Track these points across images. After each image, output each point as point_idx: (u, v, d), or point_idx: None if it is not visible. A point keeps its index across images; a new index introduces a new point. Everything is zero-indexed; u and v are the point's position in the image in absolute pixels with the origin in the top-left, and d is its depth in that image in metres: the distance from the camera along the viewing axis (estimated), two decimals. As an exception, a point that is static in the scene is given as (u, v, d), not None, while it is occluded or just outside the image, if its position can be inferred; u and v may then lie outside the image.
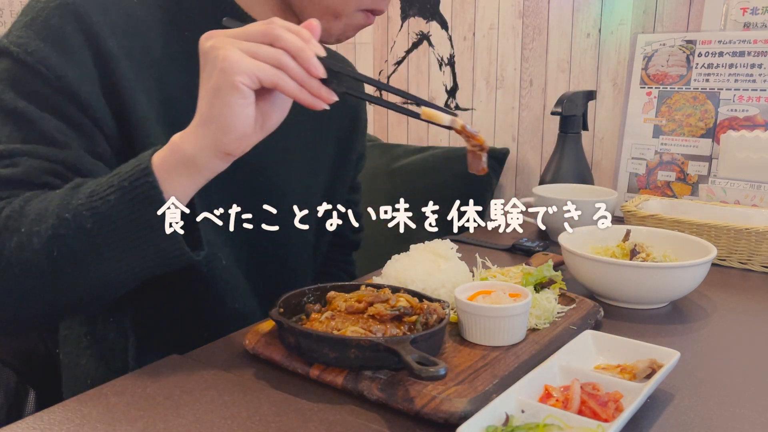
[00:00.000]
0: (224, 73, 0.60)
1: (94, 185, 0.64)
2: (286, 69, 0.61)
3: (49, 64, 0.70)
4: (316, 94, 0.62)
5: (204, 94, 0.63)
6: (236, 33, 0.62)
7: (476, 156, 0.69)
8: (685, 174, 1.35)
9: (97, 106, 0.73)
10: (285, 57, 0.61)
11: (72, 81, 0.71)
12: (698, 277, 0.86)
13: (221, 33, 0.63)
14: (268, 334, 0.71)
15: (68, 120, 0.72)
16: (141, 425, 0.57)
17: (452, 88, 1.85)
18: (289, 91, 0.62)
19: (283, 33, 0.61)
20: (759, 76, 1.28)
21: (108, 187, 0.63)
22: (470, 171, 0.69)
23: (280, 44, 0.61)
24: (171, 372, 0.67)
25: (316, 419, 0.58)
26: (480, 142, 0.68)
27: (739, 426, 0.59)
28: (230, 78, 0.60)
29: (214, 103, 0.61)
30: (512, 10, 1.70)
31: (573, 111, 1.34)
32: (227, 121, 0.61)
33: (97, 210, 0.62)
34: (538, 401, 0.58)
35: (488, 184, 1.70)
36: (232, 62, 0.59)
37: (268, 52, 0.61)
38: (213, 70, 0.61)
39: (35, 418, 0.58)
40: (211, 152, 0.63)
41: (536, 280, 0.79)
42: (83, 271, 0.64)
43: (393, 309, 0.68)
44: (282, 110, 0.66)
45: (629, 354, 0.67)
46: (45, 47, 0.71)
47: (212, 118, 0.62)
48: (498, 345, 0.69)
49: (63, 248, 0.62)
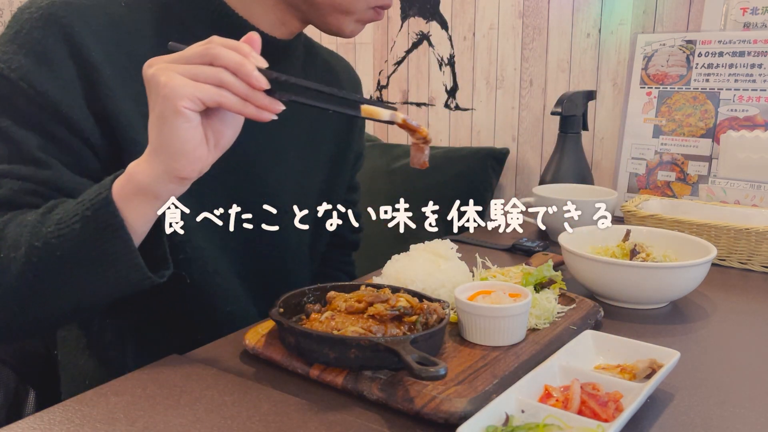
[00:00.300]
0: (167, 99, 0.59)
1: (62, 212, 0.65)
2: (228, 86, 0.60)
3: (31, 81, 0.71)
4: (260, 106, 0.62)
5: (151, 123, 0.62)
6: (176, 57, 0.62)
7: (419, 149, 0.67)
8: (685, 174, 1.35)
9: (80, 119, 0.73)
10: (225, 74, 0.60)
11: (54, 96, 0.71)
12: (698, 277, 0.86)
13: (163, 59, 0.62)
14: (268, 334, 0.71)
15: (51, 137, 0.72)
16: (141, 425, 0.57)
17: (452, 88, 1.85)
18: (232, 108, 0.61)
19: (221, 51, 0.60)
20: (759, 76, 1.28)
21: (74, 215, 0.64)
22: (412, 165, 0.68)
23: (220, 62, 0.60)
24: (171, 372, 0.67)
25: (316, 419, 0.58)
26: (424, 135, 0.67)
27: (739, 426, 0.59)
28: (173, 104, 0.59)
29: (161, 130, 0.61)
30: (512, 10, 1.70)
31: (573, 111, 1.34)
32: (176, 147, 0.61)
33: (64, 238, 0.63)
34: (538, 401, 0.58)
35: (488, 184, 1.70)
36: (173, 88, 0.59)
37: (208, 73, 0.60)
38: (156, 98, 0.61)
39: (35, 418, 0.58)
40: (165, 179, 0.63)
41: (536, 280, 0.79)
42: (58, 294, 0.67)
43: (393, 309, 0.68)
44: (234, 126, 0.66)
45: (629, 354, 0.67)
46: (27, 62, 0.71)
47: (162, 146, 0.62)
48: (498, 345, 0.69)
49: (37, 274, 0.65)
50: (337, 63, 1.09)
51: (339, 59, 1.11)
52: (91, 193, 0.65)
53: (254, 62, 0.61)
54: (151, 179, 0.63)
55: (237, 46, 0.62)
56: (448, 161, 1.72)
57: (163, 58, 0.62)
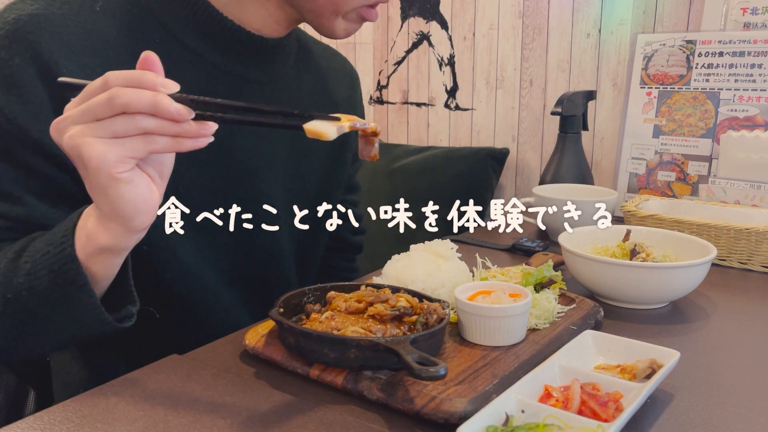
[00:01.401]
0: (98, 171, 0.55)
1: (31, 262, 0.63)
2: (153, 131, 0.56)
3: (0, 107, 0.68)
4: (192, 135, 0.57)
5: (91, 193, 0.59)
6: (82, 112, 0.56)
7: (369, 141, 0.64)
8: (685, 174, 1.35)
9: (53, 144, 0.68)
10: (145, 120, 0.55)
11: (24, 122, 0.69)
12: (698, 277, 0.86)
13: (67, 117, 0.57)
14: (268, 334, 0.71)
15: (23, 167, 0.70)
16: (141, 425, 0.57)
17: (452, 88, 1.85)
18: (165, 150, 0.57)
19: (127, 96, 0.54)
20: (759, 76, 1.28)
21: (42, 268, 0.63)
22: (361, 157, 0.64)
23: (133, 109, 0.55)
24: (171, 372, 0.67)
25: (316, 419, 0.58)
26: (374, 131, 0.64)
27: (739, 426, 0.59)
28: (106, 173, 0.55)
29: (104, 199, 0.58)
30: (512, 10, 1.70)
31: (573, 111, 1.34)
32: (126, 209, 0.58)
33: (34, 290, 0.63)
34: (538, 401, 0.58)
35: (488, 184, 1.70)
36: (99, 158, 0.55)
37: (126, 126, 0.55)
38: (86, 171, 0.57)
39: (35, 418, 0.58)
40: (125, 236, 0.61)
41: (536, 280, 0.79)
42: (35, 337, 0.67)
43: (393, 309, 0.68)
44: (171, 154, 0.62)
45: (629, 354, 0.67)
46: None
47: (112, 213, 0.59)
48: (498, 345, 0.69)
49: (13, 321, 0.65)
50: (332, 59, 1.05)
51: (334, 55, 1.07)
52: (57, 243, 0.63)
53: (166, 91, 0.56)
54: (111, 240, 0.61)
55: (139, 79, 0.56)
56: (448, 161, 1.72)
57: (67, 116, 0.57)
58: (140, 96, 0.55)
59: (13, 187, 0.70)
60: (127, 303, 0.68)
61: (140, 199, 0.58)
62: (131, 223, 0.60)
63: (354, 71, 1.10)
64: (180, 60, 0.79)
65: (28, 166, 0.70)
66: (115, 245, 0.61)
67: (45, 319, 0.64)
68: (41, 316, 0.64)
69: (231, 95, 0.82)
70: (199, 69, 0.80)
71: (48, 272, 0.62)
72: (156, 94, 0.55)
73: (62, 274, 0.62)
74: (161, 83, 0.56)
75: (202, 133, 0.58)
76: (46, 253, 0.63)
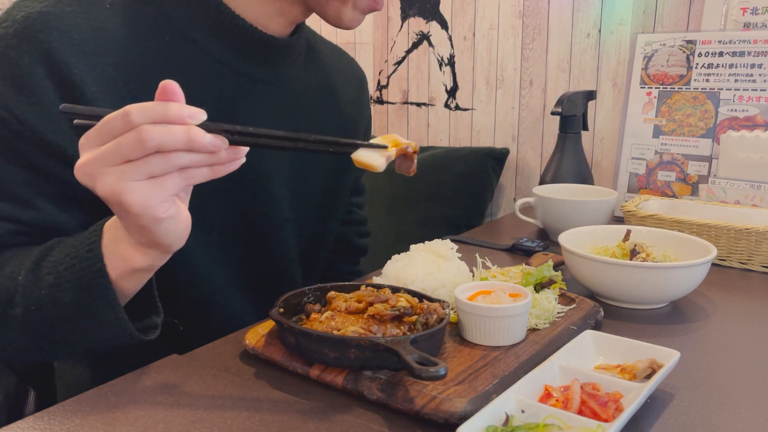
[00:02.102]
0: (142, 217, 0.55)
1: (54, 274, 0.62)
2: (190, 166, 0.55)
3: (11, 108, 0.67)
4: (228, 161, 0.57)
5: (130, 231, 0.58)
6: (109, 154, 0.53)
7: (409, 158, 0.64)
8: (685, 174, 1.35)
9: (65, 146, 0.68)
10: (181, 158, 0.54)
11: (35, 124, 0.67)
12: (698, 277, 0.86)
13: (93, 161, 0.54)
14: (268, 334, 0.71)
15: (35, 169, 0.69)
16: (141, 425, 0.57)
17: (452, 88, 1.85)
18: (204, 180, 0.57)
19: (159, 136, 0.52)
20: (759, 76, 1.28)
21: (67, 281, 0.62)
22: (398, 171, 0.64)
23: (167, 149, 0.53)
24: (171, 372, 0.67)
25: (316, 419, 0.58)
26: (415, 150, 0.64)
27: (739, 426, 0.59)
28: (151, 216, 0.55)
29: (146, 235, 0.58)
30: (512, 10, 1.70)
31: (573, 111, 1.34)
32: (167, 240, 0.59)
33: (58, 302, 0.62)
34: (538, 401, 0.58)
35: (488, 184, 1.70)
36: (142, 204, 0.54)
37: (163, 166, 0.54)
38: (128, 217, 0.56)
39: (35, 418, 0.58)
40: (161, 258, 0.62)
41: (536, 280, 0.79)
42: (54, 346, 0.67)
43: (393, 309, 0.68)
44: None
45: (629, 354, 0.67)
46: (5, 87, 0.67)
47: (154, 243, 0.59)
48: (498, 345, 0.69)
49: (34, 331, 0.64)
50: (340, 60, 1.03)
51: (342, 55, 1.06)
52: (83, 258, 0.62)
53: (194, 122, 0.54)
54: (148, 262, 0.61)
55: (166, 113, 0.53)
56: (448, 161, 1.73)
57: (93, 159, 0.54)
58: (173, 134, 0.53)
59: (24, 190, 0.69)
60: (150, 314, 0.68)
61: (181, 227, 0.59)
62: (171, 248, 0.61)
63: (362, 73, 1.09)
64: (190, 58, 0.78)
65: (39, 169, 0.69)
66: (151, 266, 0.62)
67: (67, 330, 0.64)
68: (63, 328, 0.64)
69: (240, 95, 0.82)
70: (208, 68, 0.79)
71: (74, 286, 0.61)
72: (188, 129, 0.53)
73: (89, 289, 0.61)
74: (189, 114, 0.54)
75: (235, 158, 0.57)
76: (71, 266, 0.62)
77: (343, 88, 1.00)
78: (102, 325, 0.63)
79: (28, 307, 0.63)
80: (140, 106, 0.53)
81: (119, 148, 0.53)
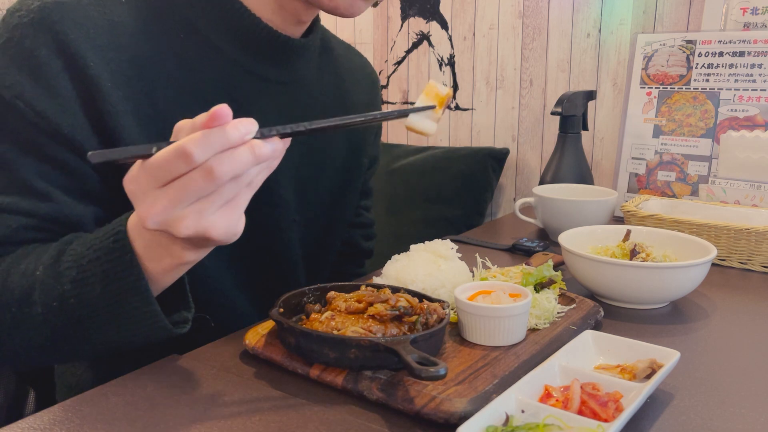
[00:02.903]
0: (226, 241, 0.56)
1: (76, 268, 0.61)
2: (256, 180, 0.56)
3: (28, 99, 0.66)
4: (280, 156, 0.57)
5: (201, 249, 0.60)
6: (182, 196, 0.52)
7: None
8: (685, 174, 1.35)
9: (82, 139, 0.68)
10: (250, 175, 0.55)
11: (53, 116, 0.66)
12: (698, 277, 0.86)
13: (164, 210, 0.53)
14: (268, 334, 0.71)
15: (51, 161, 0.68)
16: (141, 425, 0.57)
17: (452, 88, 1.85)
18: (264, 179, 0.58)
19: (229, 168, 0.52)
20: (759, 76, 1.28)
21: (92, 275, 0.60)
22: None
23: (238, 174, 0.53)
24: (171, 372, 0.67)
25: (316, 419, 0.58)
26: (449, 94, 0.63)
27: (739, 426, 0.59)
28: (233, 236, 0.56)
29: None
30: (512, 10, 1.70)
31: (573, 111, 1.34)
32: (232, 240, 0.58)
33: (83, 297, 0.61)
34: (538, 401, 0.58)
35: (488, 184, 1.70)
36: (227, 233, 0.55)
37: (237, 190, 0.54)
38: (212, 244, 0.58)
39: (35, 418, 0.58)
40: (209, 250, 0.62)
41: (536, 280, 0.79)
42: (80, 345, 0.65)
43: (393, 309, 0.68)
44: None
45: (629, 354, 0.67)
46: (21, 78, 0.66)
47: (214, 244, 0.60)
48: (498, 345, 0.69)
49: (56, 331, 0.63)
50: (353, 60, 1.02)
51: (356, 56, 1.04)
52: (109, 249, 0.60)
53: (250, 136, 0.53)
54: (198, 256, 0.61)
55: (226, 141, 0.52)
56: (448, 161, 1.73)
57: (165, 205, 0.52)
58: (242, 161, 0.52)
59: (40, 183, 0.67)
60: (180, 308, 0.67)
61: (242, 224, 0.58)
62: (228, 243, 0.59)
63: (375, 74, 1.08)
64: (203, 56, 0.77)
65: (56, 160, 0.68)
66: (197, 258, 0.61)
67: (93, 327, 0.62)
68: (89, 324, 0.62)
69: (252, 95, 0.81)
70: (221, 66, 0.78)
71: (101, 279, 0.60)
72: (251, 148, 0.53)
73: (120, 281, 0.60)
74: (245, 132, 0.53)
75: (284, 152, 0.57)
76: (95, 259, 0.61)
77: (356, 88, 0.99)
78: (132, 319, 0.61)
79: (48, 304, 0.61)
80: (197, 140, 0.51)
81: (190, 190, 0.52)
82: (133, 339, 0.64)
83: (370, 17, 1.97)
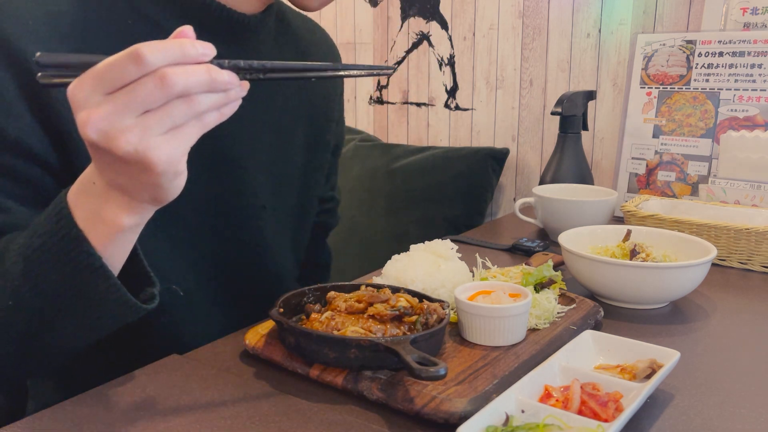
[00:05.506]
0: (164, 174, 0.50)
1: (23, 262, 0.57)
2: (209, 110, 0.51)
3: None
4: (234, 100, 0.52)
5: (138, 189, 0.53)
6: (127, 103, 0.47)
7: None
8: (685, 174, 1.35)
9: (34, 142, 0.64)
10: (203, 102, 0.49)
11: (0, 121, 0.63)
12: (698, 277, 0.86)
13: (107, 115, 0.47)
14: (268, 334, 0.71)
15: (3, 170, 0.64)
16: (141, 425, 0.57)
17: (452, 88, 1.85)
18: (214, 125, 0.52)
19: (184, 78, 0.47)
20: (759, 76, 1.28)
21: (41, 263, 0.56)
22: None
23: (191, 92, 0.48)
24: (171, 372, 0.67)
25: (316, 419, 0.58)
26: None
27: (739, 426, 0.59)
28: (173, 172, 0.51)
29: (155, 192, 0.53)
30: (512, 10, 1.70)
31: (573, 111, 1.34)
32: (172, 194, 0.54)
33: (37, 289, 0.57)
34: (538, 401, 0.58)
35: (488, 184, 1.70)
36: (168, 161, 0.49)
37: (187, 113, 0.49)
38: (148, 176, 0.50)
39: (35, 418, 0.58)
40: (151, 212, 0.57)
41: (536, 280, 0.80)
42: (49, 345, 0.62)
43: (393, 309, 0.68)
44: None
45: (629, 354, 0.67)
46: None
47: (153, 200, 0.54)
48: (498, 345, 0.69)
49: (18, 331, 0.59)
50: (313, 33, 0.98)
51: (315, 27, 1.00)
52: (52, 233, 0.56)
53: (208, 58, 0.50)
54: (137, 220, 0.56)
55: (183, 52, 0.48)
56: (448, 161, 1.72)
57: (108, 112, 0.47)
58: (197, 76, 0.48)
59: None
60: (144, 285, 0.62)
61: (183, 178, 0.53)
62: (167, 202, 0.55)
63: (335, 46, 1.05)
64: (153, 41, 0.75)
65: (5, 169, 0.65)
66: (138, 224, 0.56)
67: (58, 317, 0.58)
68: (52, 315, 0.58)
69: None
70: None
71: (52, 265, 0.56)
72: (208, 68, 0.49)
73: (71, 262, 0.55)
74: (202, 51, 0.49)
75: (242, 95, 0.52)
76: (42, 245, 0.56)
77: (317, 61, 0.97)
78: (94, 299, 0.57)
79: (4, 306, 0.58)
80: (153, 45, 0.47)
81: (138, 96, 0.47)
82: (102, 322, 0.60)
83: (370, 17, 1.97)
